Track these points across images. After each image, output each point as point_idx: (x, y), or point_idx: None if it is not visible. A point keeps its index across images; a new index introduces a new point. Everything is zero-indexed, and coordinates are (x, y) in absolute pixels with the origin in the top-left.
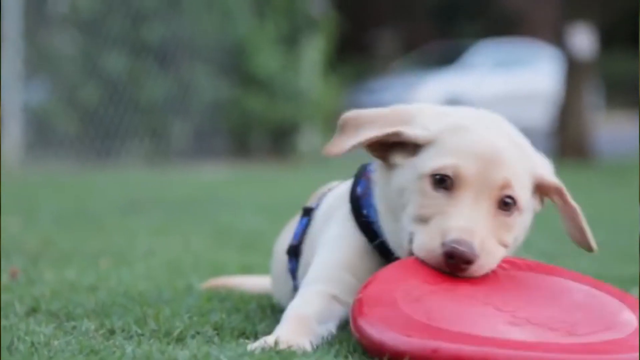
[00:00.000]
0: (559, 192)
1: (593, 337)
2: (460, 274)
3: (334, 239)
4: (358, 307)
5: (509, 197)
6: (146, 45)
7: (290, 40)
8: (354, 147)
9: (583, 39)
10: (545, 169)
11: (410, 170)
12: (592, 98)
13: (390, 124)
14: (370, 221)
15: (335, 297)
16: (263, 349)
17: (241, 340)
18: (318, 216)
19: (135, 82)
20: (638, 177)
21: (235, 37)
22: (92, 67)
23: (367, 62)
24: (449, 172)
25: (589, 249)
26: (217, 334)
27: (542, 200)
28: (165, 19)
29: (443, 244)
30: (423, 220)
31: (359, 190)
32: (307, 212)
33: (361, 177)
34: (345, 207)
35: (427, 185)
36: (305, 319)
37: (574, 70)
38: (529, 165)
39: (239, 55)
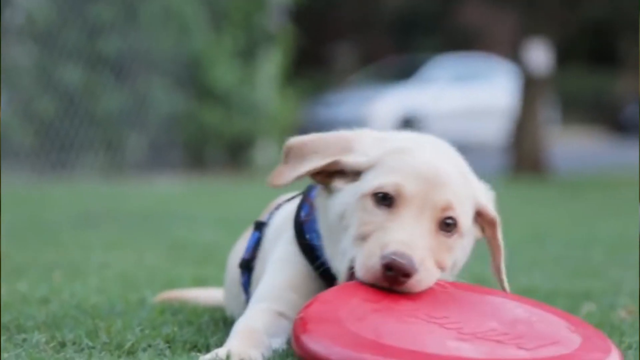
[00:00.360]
0: (492, 225)
1: (543, 352)
2: (398, 287)
3: (279, 261)
4: (301, 325)
5: (450, 218)
6: (102, 57)
7: (247, 54)
8: (297, 179)
9: (540, 55)
10: (486, 198)
11: (351, 193)
12: (548, 113)
13: (331, 153)
14: (313, 245)
15: (281, 314)
16: None
17: (193, 353)
18: (268, 233)
19: (91, 95)
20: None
21: (192, 50)
22: (48, 79)
23: (324, 75)
24: (390, 190)
25: (502, 289)
26: (169, 347)
27: (482, 229)
28: (121, 32)
29: (382, 257)
30: (363, 238)
31: (302, 214)
32: (259, 227)
33: (305, 201)
34: (290, 231)
35: (369, 203)
36: (256, 332)
37: (530, 86)
38: (471, 192)
39: (196, 68)
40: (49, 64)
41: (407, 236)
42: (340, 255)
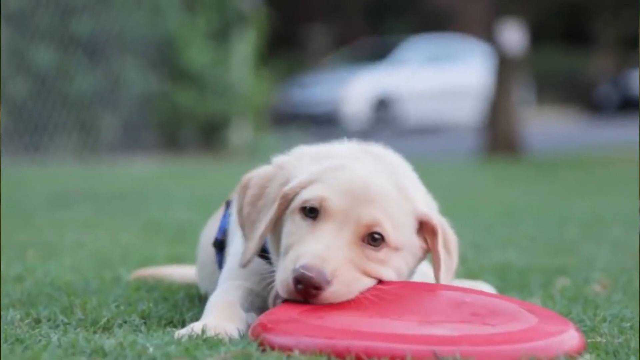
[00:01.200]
0: (434, 234)
1: (507, 327)
2: (312, 300)
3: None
4: (260, 327)
5: (377, 233)
6: (75, 39)
7: (221, 35)
8: (260, 245)
9: (513, 35)
10: (427, 207)
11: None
12: (522, 93)
13: (274, 196)
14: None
15: (252, 290)
16: (190, 336)
17: (168, 328)
18: (233, 212)
19: (64, 76)
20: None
21: (165, 31)
22: (21, 60)
23: (298, 57)
24: (315, 203)
25: None
26: (145, 323)
27: (425, 240)
28: (94, 13)
29: (293, 270)
30: (287, 252)
31: None
32: (229, 205)
33: None
34: None
35: (297, 217)
36: (231, 306)
37: (504, 66)
38: (409, 206)
39: (169, 49)
40: (21, 46)
41: (321, 248)
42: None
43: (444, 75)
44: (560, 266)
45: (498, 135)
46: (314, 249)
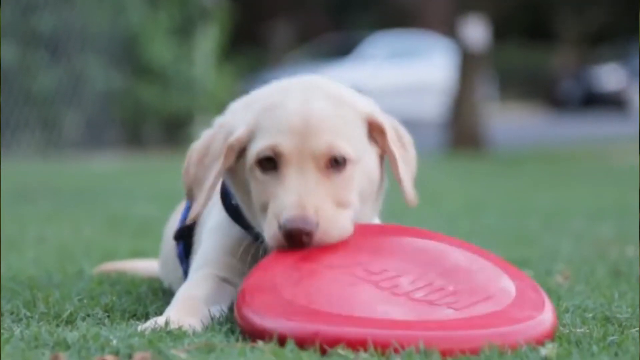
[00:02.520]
0: (382, 133)
1: (473, 310)
2: (308, 246)
3: (213, 230)
4: (241, 297)
5: (336, 157)
6: (37, 35)
7: (184, 31)
8: (210, 195)
9: (476, 31)
10: (370, 108)
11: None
12: (485, 89)
13: (219, 149)
14: (240, 209)
15: (224, 279)
16: (153, 329)
17: (132, 321)
18: None
19: (26, 73)
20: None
21: (127, 27)
22: None
23: (262, 53)
24: (270, 153)
25: (408, 202)
26: (108, 316)
27: (376, 142)
28: (56, 9)
29: (279, 226)
30: (264, 209)
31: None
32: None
33: None
34: (218, 197)
35: (257, 172)
36: (195, 300)
37: (468, 62)
38: (353, 112)
39: (132, 45)
40: None
41: (295, 196)
42: (258, 226)
43: (408, 71)
44: (522, 258)
45: (462, 131)
46: (290, 200)
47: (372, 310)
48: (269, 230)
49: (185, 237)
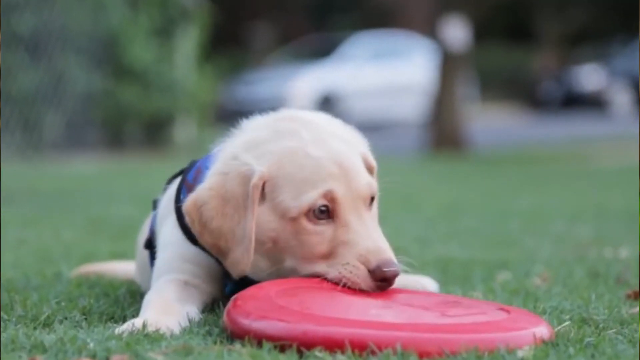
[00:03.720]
0: (372, 172)
1: (465, 319)
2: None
3: (167, 244)
4: (232, 303)
5: (373, 195)
6: (17, 35)
7: (164, 32)
8: (251, 248)
9: (457, 31)
10: (364, 145)
11: (272, 217)
12: (466, 90)
13: (244, 201)
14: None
15: (187, 282)
16: (131, 332)
17: (109, 324)
18: (158, 212)
19: (6, 74)
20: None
21: (108, 28)
22: None
23: (243, 54)
24: (324, 202)
25: None
26: (85, 319)
27: None
28: (36, 9)
29: (371, 272)
30: (320, 257)
31: (182, 198)
32: (155, 205)
33: (183, 183)
34: (173, 215)
35: (306, 223)
36: (168, 301)
37: (448, 62)
38: (358, 151)
39: (113, 46)
40: None
41: (373, 242)
42: (284, 271)
43: (389, 72)
44: (501, 260)
45: (442, 132)
46: (370, 245)
47: (365, 314)
48: (355, 277)
49: (153, 247)
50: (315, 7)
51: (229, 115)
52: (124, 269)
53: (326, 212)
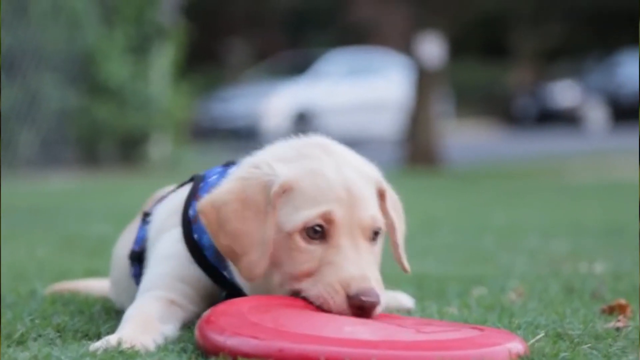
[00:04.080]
0: (383, 199)
1: (440, 335)
2: (366, 317)
3: (165, 257)
4: (205, 319)
5: (376, 230)
6: None
7: (140, 49)
8: (268, 252)
9: (432, 48)
10: (378, 174)
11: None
12: (441, 106)
13: (263, 200)
14: (201, 245)
15: (173, 302)
16: (106, 349)
17: (84, 341)
18: (153, 225)
19: None
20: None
21: (83, 45)
22: None
23: (218, 71)
24: (320, 222)
25: (403, 269)
26: (60, 336)
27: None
28: (11, 27)
29: (349, 298)
30: (306, 276)
31: (190, 213)
32: (145, 217)
33: (194, 198)
34: (177, 227)
35: (299, 241)
36: (147, 318)
37: (424, 79)
38: (371, 182)
39: (88, 64)
40: None
41: (360, 269)
42: (271, 286)
43: (364, 89)
44: (477, 275)
45: (418, 148)
46: (355, 272)
47: (339, 331)
48: (331, 297)
49: (140, 259)
50: (291, 24)
51: (204, 132)
52: (99, 286)
53: (321, 233)
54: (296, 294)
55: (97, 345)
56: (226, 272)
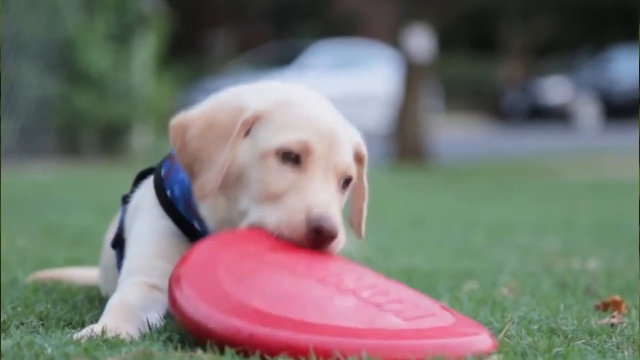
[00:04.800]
0: (362, 163)
1: (422, 322)
2: (322, 248)
3: (142, 229)
4: (177, 285)
5: (347, 178)
6: None
7: (121, 38)
8: (221, 174)
9: (421, 41)
10: (360, 138)
11: (246, 151)
12: (430, 100)
13: (229, 131)
14: (173, 199)
15: (154, 286)
16: (90, 338)
17: (67, 329)
18: (130, 205)
19: None
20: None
21: (63, 33)
22: None
23: (201, 62)
24: (296, 148)
25: (358, 233)
26: (42, 324)
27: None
28: None
29: (308, 220)
30: (272, 198)
31: (162, 172)
32: (124, 200)
33: (167, 158)
34: (150, 194)
35: (273, 161)
36: (130, 307)
37: (412, 72)
38: (351, 138)
39: (68, 52)
40: None
41: (325, 199)
42: (236, 213)
43: (351, 81)
44: (467, 270)
45: (406, 143)
46: (321, 199)
47: (321, 312)
48: (291, 219)
49: (122, 244)
50: (276, 14)
51: None
52: (81, 275)
53: (295, 160)
54: (257, 226)
55: (82, 333)
56: (196, 223)
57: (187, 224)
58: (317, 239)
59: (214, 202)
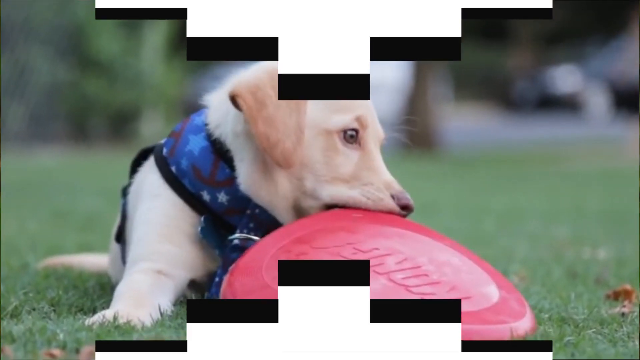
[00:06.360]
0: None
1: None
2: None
3: (145, 213)
4: (229, 276)
5: (382, 143)
6: None
7: (132, 24)
8: (302, 140)
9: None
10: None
11: (307, 131)
12: (440, 89)
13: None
14: (180, 174)
15: (160, 272)
16: (101, 323)
17: (79, 315)
18: (130, 193)
19: None
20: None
21: (73, 18)
22: None
23: None
24: (356, 126)
25: None
26: (54, 310)
27: None
28: None
29: (397, 198)
30: (342, 178)
31: (165, 151)
32: (124, 191)
33: (171, 136)
34: (150, 177)
35: (337, 142)
36: (140, 293)
37: (422, 61)
38: None
39: (78, 37)
40: None
41: (390, 177)
42: (303, 193)
43: None
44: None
45: (415, 131)
46: (389, 178)
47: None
48: (379, 195)
49: (125, 238)
50: None
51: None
52: (92, 261)
53: (355, 138)
54: (329, 207)
55: (93, 319)
56: (205, 193)
57: (194, 198)
58: (403, 214)
59: (274, 182)
